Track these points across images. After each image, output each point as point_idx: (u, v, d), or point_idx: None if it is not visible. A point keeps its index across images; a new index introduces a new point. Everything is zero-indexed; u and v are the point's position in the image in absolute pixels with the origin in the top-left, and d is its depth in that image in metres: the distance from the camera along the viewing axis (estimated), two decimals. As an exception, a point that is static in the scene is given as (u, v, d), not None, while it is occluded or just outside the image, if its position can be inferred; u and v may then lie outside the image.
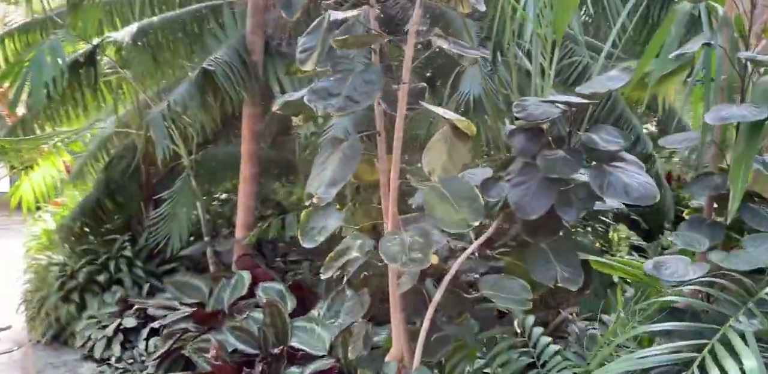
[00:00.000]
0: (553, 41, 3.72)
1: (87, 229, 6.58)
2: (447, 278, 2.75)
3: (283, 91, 5.23)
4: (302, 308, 4.81)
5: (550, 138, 2.98)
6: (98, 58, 5.48)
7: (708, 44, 2.79)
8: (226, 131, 6.73)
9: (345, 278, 2.87)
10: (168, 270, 6.35)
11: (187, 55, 5.87)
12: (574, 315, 3.43)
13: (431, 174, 2.68)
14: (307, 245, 2.70)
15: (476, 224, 2.32)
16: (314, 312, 4.50)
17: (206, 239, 6.06)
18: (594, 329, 3.13)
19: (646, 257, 6.93)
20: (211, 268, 6.07)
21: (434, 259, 2.36)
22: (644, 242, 6.52)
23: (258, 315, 4.44)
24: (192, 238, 6.33)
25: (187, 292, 5.20)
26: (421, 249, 2.34)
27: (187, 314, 4.60)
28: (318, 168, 2.89)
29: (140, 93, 5.93)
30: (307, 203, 2.82)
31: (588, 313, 3.93)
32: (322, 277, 2.84)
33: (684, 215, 3.86)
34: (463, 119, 2.44)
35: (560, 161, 2.81)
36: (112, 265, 6.08)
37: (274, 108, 2.90)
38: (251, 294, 4.95)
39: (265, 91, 5.42)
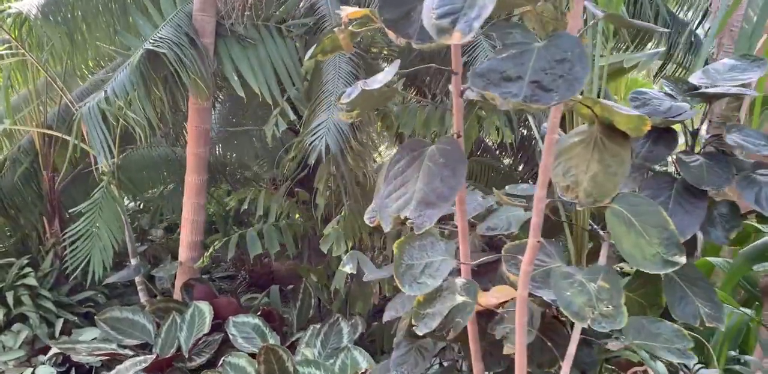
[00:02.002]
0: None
1: (-31, 252, 5.29)
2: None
3: (242, 80, 4.33)
4: (281, 345, 3.97)
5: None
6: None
7: None
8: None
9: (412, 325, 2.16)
10: (83, 301, 5.22)
11: (109, 35, 4.77)
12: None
13: (570, 191, 2.01)
14: (410, 291, 1.94)
15: (680, 261, 1.69)
16: (306, 352, 3.68)
17: (133, 261, 4.99)
18: None
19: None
20: (141, 297, 5.02)
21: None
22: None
23: (237, 360, 3.56)
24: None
25: (124, 331, 4.17)
26: (611, 299, 1.68)
27: (147, 362, 3.60)
28: (394, 182, 2.15)
29: (51, 82, 4.75)
30: (388, 230, 2.07)
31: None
32: (418, 332, 2.09)
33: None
34: (638, 113, 1.79)
35: (705, 170, 2.27)
36: (10, 297, 4.85)
37: (343, 100, 2.12)
38: (212, 330, 4.03)
39: (216, 79, 4.50)
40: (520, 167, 6.21)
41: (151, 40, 4.00)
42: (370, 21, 2.38)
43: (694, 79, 2.56)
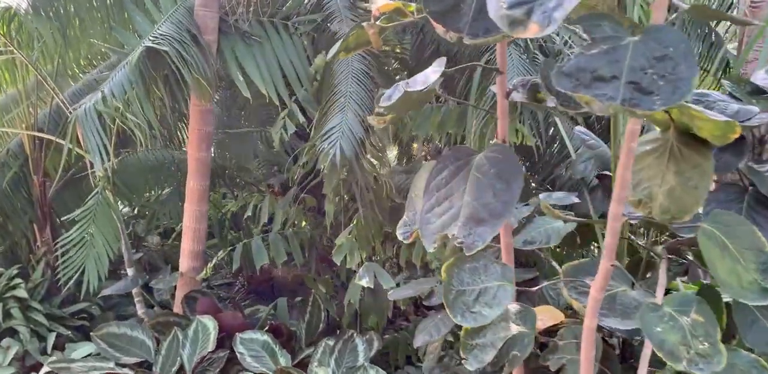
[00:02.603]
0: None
1: (-45, 262, 5.00)
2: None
3: (248, 80, 4.08)
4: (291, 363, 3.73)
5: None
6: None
7: None
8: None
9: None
10: (76, 313, 4.95)
11: (103, 32, 4.51)
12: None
13: (642, 206, 1.78)
14: (463, 322, 1.70)
15: (783, 289, 1.46)
16: (320, 372, 3.44)
17: (129, 271, 4.73)
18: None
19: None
20: (138, 309, 4.76)
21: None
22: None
23: (245, 381, 3.31)
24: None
25: (122, 347, 3.91)
26: (707, 336, 1.45)
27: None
28: (436, 195, 1.95)
29: (41, 81, 4.48)
30: (431, 250, 1.84)
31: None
32: (469, 368, 1.85)
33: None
34: (725, 118, 1.56)
35: (783, 180, 2.05)
36: (-2, 310, 4.58)
37: (383, 103, 1.91)
38: (217, 346, 3.78)
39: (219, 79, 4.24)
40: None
41: (151, 37, 3.74)
42: (400, 15, 2.15)
43: (757, 79, 2.35)
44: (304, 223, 4.78)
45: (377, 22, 2.07)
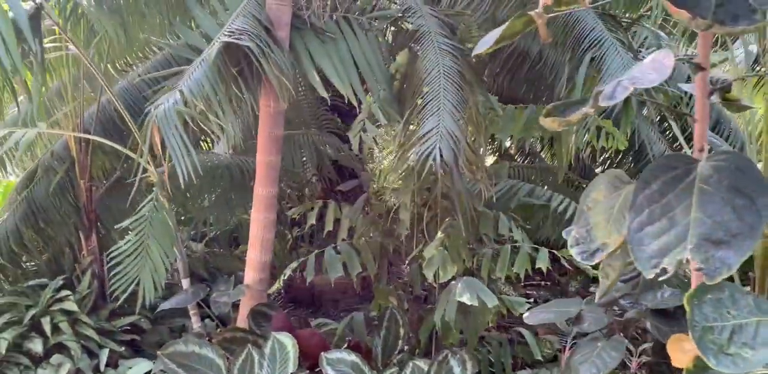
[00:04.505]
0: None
1: (-4, 272, 4.71)
2: None
3: (324, 78, 3.79)
4: (378, 385, 3.44)
5: None
6: (43, 23, 3.68)
7: None
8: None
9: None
10: (125, 326, 4.64)
11: (162, 28, 4.22)
12: None
13: None
14: (721, 368, 1.41)
15: None
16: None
17: (185, 282, 4.42)
18: None
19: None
20: (194, 322, 4.46)
21: None
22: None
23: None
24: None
25: (191, 367, 3.60)
26: None
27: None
28: (647, 210, 1.67)
29: (88, 79, 4.18)
30: (651, 276, 1.57)
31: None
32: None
33: None
34: None
35: None
36: (46, 324, 4.27)
37: (603, 102, 1.64)
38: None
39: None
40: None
41: (226, 32, 3.45)
42: (572, 2, 1.88)
43: None
44: (371, 232, 4.48)
45: (544, 13, 1.81)
